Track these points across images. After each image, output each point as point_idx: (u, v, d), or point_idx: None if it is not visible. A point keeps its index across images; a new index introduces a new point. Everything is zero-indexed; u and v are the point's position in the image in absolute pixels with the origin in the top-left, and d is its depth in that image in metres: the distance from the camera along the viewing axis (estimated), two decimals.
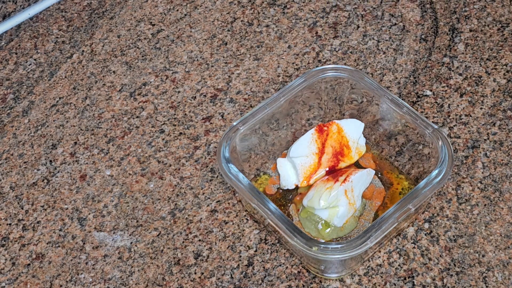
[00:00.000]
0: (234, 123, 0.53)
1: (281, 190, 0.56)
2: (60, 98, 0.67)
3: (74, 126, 0.65)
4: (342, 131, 0.55)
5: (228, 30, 0.72)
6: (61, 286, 0.54)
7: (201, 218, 0.57)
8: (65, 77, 0.69)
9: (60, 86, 0.68)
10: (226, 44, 0.70)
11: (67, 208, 0.58)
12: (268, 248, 0.54)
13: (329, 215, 0.51)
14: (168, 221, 0.57)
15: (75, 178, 0.60)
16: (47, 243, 0.56)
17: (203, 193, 0.58)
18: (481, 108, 0.62)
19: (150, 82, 0.68)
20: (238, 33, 0.71)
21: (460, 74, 0.65)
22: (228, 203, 0.58)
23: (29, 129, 0.65)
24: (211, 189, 0.59)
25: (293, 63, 0.68)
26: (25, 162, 0.62)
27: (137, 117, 0.65)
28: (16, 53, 0.71)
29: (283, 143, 0.59)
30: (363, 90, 0.56)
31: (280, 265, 0.53)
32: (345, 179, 0.52)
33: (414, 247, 0.53)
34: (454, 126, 0.61)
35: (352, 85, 0.56)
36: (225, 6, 0.74)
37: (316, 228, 0.52)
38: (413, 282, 0.52)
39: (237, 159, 0.54)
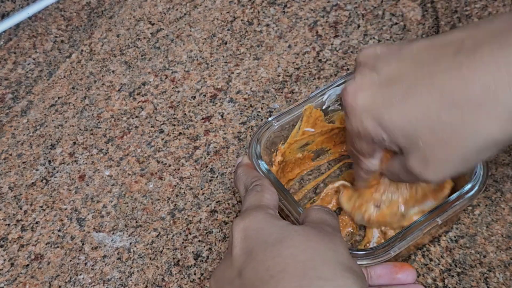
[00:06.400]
0: (270, 119, 0.52)
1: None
2: (59, 98, 0.67)
3: (73, 126, 0.64)
4: None
5: (228, 30, 0.71)
6: (60, 287, 0.53)
7: (200, 219, 0.57)
8: (64, 76, 0.69)
9: (59, 85, 0.68)
10: (226, 43, 0.70)
11: (66, 209, 0.58)
12: None
13: None
14: (168, 222, 0.57)
15: (74, 178, 0.60)
16: (46, 244, 0.56)
17: (203, 194, 0.58)
18: None
19: (150, 81, 0.67)
20: (238, 33, 0.71)
21: None
22: (228, 204, 0.57)
23: (28, 129, 0.64)
24: (211, 189, 0.58)
25: (293, 62, 0.67)
26: (23, 162, 0.62)
27: (137, 117, 0.64)
28: (14, 53, 0.71)
29: None
30: None
31: None
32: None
33: None
34: None
35: None
36: (225, 5, 0.74)
37: None
38: (414, 283, 0.51)
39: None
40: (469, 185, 0.48)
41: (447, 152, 0.39)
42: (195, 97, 0.66)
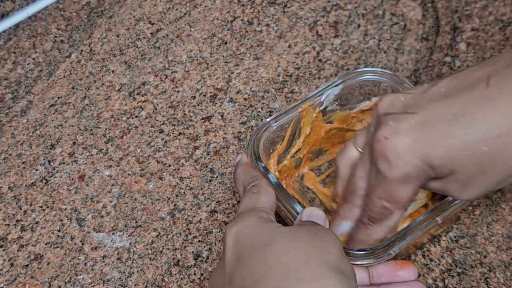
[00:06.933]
0: (268, 120, 0.52)
1: None
2: (58, 98, 0.67)
3: (72, 126, 0.64)
4: None
5: (228, 29, 0.71)
6: (59, 287, 0.53)
7: (200, 219, 0.56)
8: (64, 76, 0.69)
9: (58, 85, 0.68)
10: (226, 43, 0.70)
11: (65, 209, 0.58)
12: None
13: None
14: (168, 222, 0.56)
15: (74, 179, 0.60)
16: (46, 244, 0.56)
17: (203, 194, 0.58)
18: None
19: (149, 81, 0.67)
20: (238, 32, 0.71)
21: None
22: (228, 204, 0.57)
23: (28, 129, 0.64)
24: (211, 189, 0.58)
25: (293, 62, 0.67)
26: (23, 162, 0.62)
27: (136, 117, 0.64)
28: (14, 53, 0.71)
29: None
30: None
31: None
32: None
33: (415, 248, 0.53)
34: None
35: (393, 89, 0.54)
36: (225, 5, 0.74)
37: None
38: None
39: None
40: None
41: (486, 179, 0.42)
42: (195, 97, 0.66)
